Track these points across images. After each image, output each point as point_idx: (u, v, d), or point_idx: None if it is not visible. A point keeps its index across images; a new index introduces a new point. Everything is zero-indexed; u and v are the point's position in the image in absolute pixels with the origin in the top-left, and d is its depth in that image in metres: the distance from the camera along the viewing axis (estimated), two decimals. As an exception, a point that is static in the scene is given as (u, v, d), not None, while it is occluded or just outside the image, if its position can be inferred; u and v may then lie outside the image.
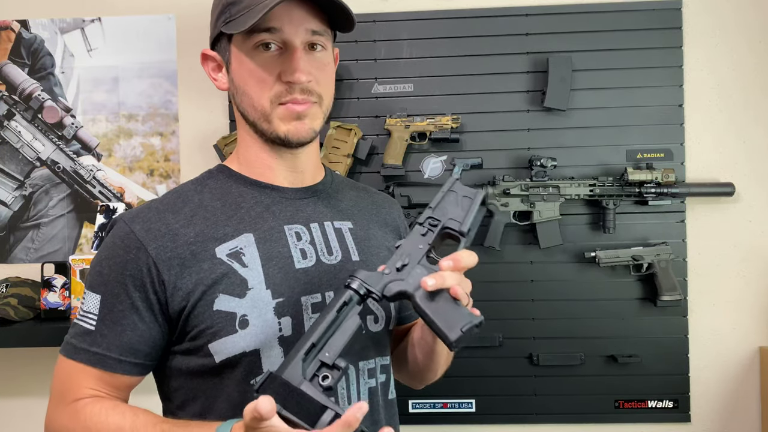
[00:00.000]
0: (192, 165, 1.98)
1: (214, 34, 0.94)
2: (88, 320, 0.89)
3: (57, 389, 0.91)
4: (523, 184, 1.84)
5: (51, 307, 1.85)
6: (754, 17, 1.91)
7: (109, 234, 0.90)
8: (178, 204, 0.92)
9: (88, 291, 0.90)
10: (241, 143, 0.97)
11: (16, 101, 1.99)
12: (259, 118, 0.91)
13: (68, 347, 0.91)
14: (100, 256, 0.90)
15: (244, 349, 0.86)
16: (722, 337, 1.91)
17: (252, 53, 0.90)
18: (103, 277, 0.88)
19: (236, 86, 0.93)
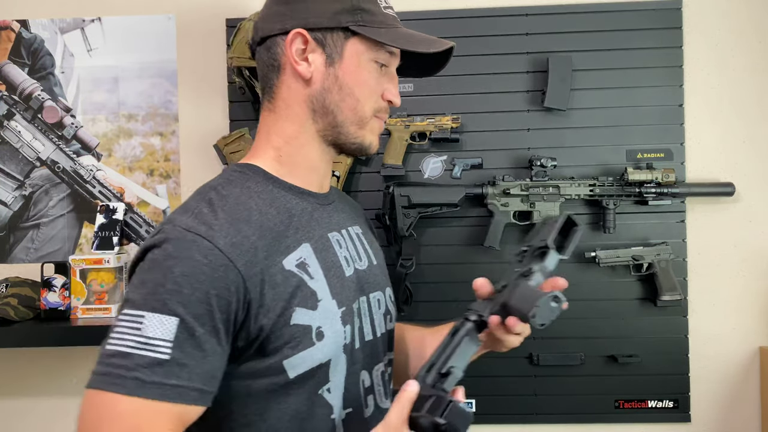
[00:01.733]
0: (192, 165, 1.98)
1: (322, 24, 0.86)
2: (159, 349, 0.72)
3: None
4: (523, 184, 1.84)
5: (51, 307, 1.85)
6: (754, 17, 1.91)
7: (178, 248, 0.77)
8: (243, 213, 0.84)
9: (153, 314, 0.73)
10: (291, 141, 0.90)
11: (16, 101, 1.99)
12: (354, 121, 0.90)
13: (129, 383, 0.71)
14: (173, 271, 0.75)
15: (320, 360, 0.85)
16: (722, 337, 1.91)
17: (370, 64, 0.89)
18: (182, 297, 0.74)
19: (341, 84, 0.88)
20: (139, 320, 0.73)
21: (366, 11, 0.87)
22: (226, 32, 1.95)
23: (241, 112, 1.95)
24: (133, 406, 0.71)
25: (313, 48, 0.87)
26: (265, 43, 0.89)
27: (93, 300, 1.85)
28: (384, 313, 0.99)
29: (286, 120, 0.90)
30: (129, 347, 0.72)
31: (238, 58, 1.71)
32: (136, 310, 0.74)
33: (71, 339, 1.79)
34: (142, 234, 1.98)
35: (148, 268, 0.77)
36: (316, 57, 0.87)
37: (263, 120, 0.93)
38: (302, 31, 0.86)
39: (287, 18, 0.86)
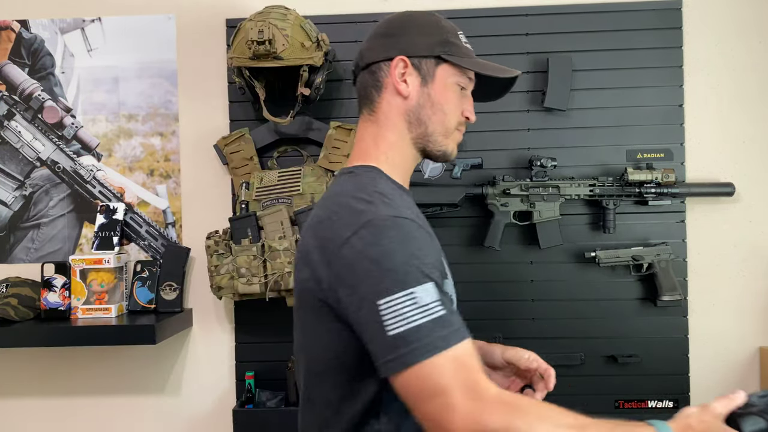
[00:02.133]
0: (192, 165, 1.98)
1: (420, 52, 1.06)
2: (436, 309, 0.84)
3: (456, 385, 0.81)
4: (523, 184, 1.84)
5: (51, 307, 1.85)
6: (754, 17, 1.91)
7: (398, 231, 0.89)
8: (407, 202, 1.02)
9: (418, 286, 0.85)
10: (393, 147, 1.08)
11: (16, 101, 1.99)
12: (441, 132, 1.08)
13: (436, 343, 0.82)
14: (410, 248, 0.88)
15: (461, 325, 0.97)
16: (722, 337, 1.91)
17: (454, 86, 1.09)
18: (427, 266, 0.88)
19: (433, 101, 1.07)
20: (411, 297, 0.84)
21: (453, 44, 1.09)
22: (226, 32, 1.95)
23: (241, 112, 1.95)
24: (451, 356, 0.83)
25: (411, 71, 1.06)
26: (370, 68, 1.09)
27: (93, 300, 1.85)
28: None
29: (387, 130, 1.08)
30: (417, 320, 0.83)
31: (238, 58, 1.71)
32: (403, 291, 0.84)
33: (71, 339, 1.79)
34: (142, 234, 1.98)
35: (387, 257, 0.87)
36: (413, 79, 1.06)
37: (365, 129, 1.10)
38: (404, 57, 1.06)
39: (391, 48, 1.07)
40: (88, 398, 2.00)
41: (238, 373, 1.94)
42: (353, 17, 1.93)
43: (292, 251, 1.74)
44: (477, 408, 0.80)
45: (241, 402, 1.86)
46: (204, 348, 1.98)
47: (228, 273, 1.78)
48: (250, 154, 1.88)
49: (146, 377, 1.99)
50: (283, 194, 1.81)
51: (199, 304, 1.98)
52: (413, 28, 1.09)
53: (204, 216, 1.97)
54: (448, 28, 1.10)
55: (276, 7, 1.73)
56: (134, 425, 1.99)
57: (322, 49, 1.75)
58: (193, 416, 1.99)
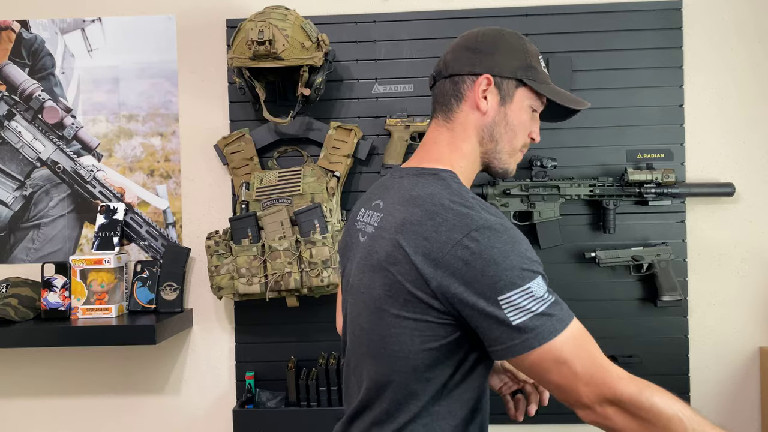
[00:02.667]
0: (192, 165, 1.98)
1: (503, 74, 1.12)
2: (548, 299, 0.96)
3: (579, 355, 0.98)
4: (523, 184, 1.84)
5: (51, 307, 1.85)
6: (754, 18, 1.91)
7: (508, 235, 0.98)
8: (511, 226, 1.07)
9: (532, 282, 0.95)
10: (465, 157, 1.14)
11: (16, 101, 2.00)
12: (508, 151, 1.14)
13: (555, 326, 0.95)
14: (520, 250, 0.97)
15: None
16: (722, 337, 1.91)
17: (528, 109, 1.14)
18: (533, 262, 0.97)
19: (508, 121, 1.12)
20: (528, 291, 0.95)
21: (534, 69, 1.14)
22: (226, 32, 1.95)
23: (241, 112, 1.95)
24: (569, 334, 0.96)
25: (492, 90, 1.11)
26: (453, 78, 1.13)
27: (93, 300, 1.85)
28: None
29: (462, 140, 1.13)
30: (537, 309, 0.94)
31: (239, 59, 1.71)
32: (522, 287, 0.95)
33: (71, 339, 1.79)
34: (143, 234, 1.98)
35: (502, 257, 0.96)
36: (493, 97, 1.11)
37: (439, 133, 1.14)
38: (489, 76, 1.11)
39: (477, 64, 1.12)
40: (88, 398, 2.00)
41: (238, 373, 1.94)
42: (353, 17, 1.93)
43: (292, 251, 1.74)
44: (598, 374, 0.97)
45: (241, 402, 1.86)
46: (204, 348, 1.98)
47: (228, 273, 1.78)
48: (250, 154, 1.88)
49: (146, 377, 1.99)
50: (283, 194, 1.81)
51: (199, 304, 1.98)
52: (502, 48, 1.13)
53: (204, 216, 1.97)
54: (532, 52, 1.15)
55: (276, 8, 1.73)
56: (134, 425, 2.00)
57: (322, 49, 1.75)
58: (193, 416, 1.99)
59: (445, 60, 1.16)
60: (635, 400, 0.95)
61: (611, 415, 0.96)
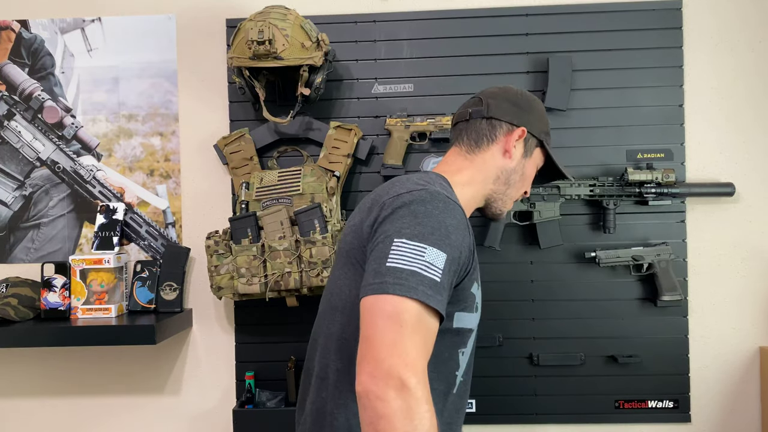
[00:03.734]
0: (192, 165, 1.98)
1: (533, 132, 1.26)
2: (434, 272, 0.97)
3: (421, 341, 0.93)
4: (523, 184, 1.84)
5: (51, 307, 1.85)
6: (754, 17, 1.91)
7: (444, 206, 1.04)
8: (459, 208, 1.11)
9: (430, 246, 0.98)
10: (472, 185, 1.24)
11: (16, 101, 1.99)
12: (513, 197, 1.28)
13: (420, 293, 0.95)
14: (445, 221, 1.02)
15: (471, 326, 1.15)
16: (722, 337, 1.91)
17: (535, 166, 1.30)
18: (450, 240, 1.00)
19: (524, 172, 1.27)
20: (422, 250, 0.97)
21: (549, 136, 1.32)
22: (226, 32, 1.95)
23: (241, 112, 1.95)
24: (422, 310, 0.95)
25: (521, 143, 1.25)
26: (492, 121, 1.25)
27: (93, 300, 1.85)
28: None
29: (477, 172, 1.24)
30: (418, 268, 0.96)
31: (238, 58, 1.71)
32: (419, 242, 0.98)
33: (71, 339, 1.78)
34: (142, 234, 1.98)
35: (424, 215, 1.02)
36: (519, 149, 1.25)
37: (454, 160, 1.26)
38: (525, 129, 1.24)
39: (516, 117, 1.25)
40: (88, 398, 2.00)
41: (238, 373, 1.94)
42: (353, 17, 1.93)
43: (292, 251, 1.74)
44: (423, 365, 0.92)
45: (241, 402, 1.86)
46: (204, 348, 1.98)
47: (228, 273, 1.78)
48: (250, 154, 1.88)
49: (146, 377, 1.99)
50: (283, 194, 1.81)
51: (199, 304, 1.98)
52: (536, 111, 1.28)
53: (204, 216, 1.97)
54: (546, 119, 1.31)
55: (276, 7, 1.73)
56: (134, 425, 1.99)
57: (322, 49, 1.75)
58: (193, 416, 1.99)
59: (487, 103, 1.27)
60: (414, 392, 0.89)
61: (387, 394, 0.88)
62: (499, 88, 1.32)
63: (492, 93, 1.29)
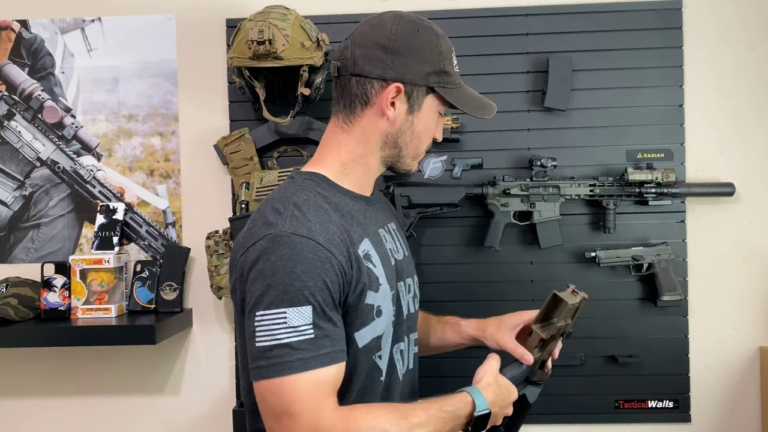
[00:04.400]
0: (192, 165, 1.98)
1: (415, 81, 1.06)
2: (305, 332, 0.92)
3: (305, 412, 0.90)
4: (523, 184, 1.84)
5: (51, 307, 1.85)
6: (755, 17, 1.91)
7: (290, 249, 0.94)
8: (324, 215, 1.02)
9: (288, 308, 0.92)
10: (358, 159, 1.11)
11: (16, 101, 1.99)
12: (412, 156, 1.13)
13: (295, 364, 0.91)
14: (294, 270, 0.93)
15: (378, 333, 1.06)
16: (722, 337, 1.91)
17: (435, 113, 1.12)
18: (309, 287, 0.93)
19: (414, 130, 1.10)
20: (282, 316, 0.92)
21: (447, 74, 1.10)
22: (226, 32, 1.95)
23: (241, 112, 1.95)
24: (305, 379, 0.90)
25: (401, 98, 1.07)
26: (360, 78, 1.07)
27: (93, 300, 1.85)
28: (412, 296, 1.21)
29: (358, 144, 1.10)
30: (283, 338, 0.91)
31: (238, 58, 1.71)
32: (276, 309, 0.92)
33: (71, 339, 1.79)
34: (142, 234, 1.98)
35: (272, 273, 0.94)
36: (401, 105, 1.07)
37: (334, 135, 1.12)
38: (400, 85, 1.06)
39: (388, 68, 1.05)
40: (88, 398, 2.00)
41: (238, 373, 1.94)
42: (353, 17, 1.93)
43: (292, 251, 1.74)
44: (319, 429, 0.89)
45: (241, 402, 1.86)
46: (204, 348, 1.98)
47: (228, 273, 1.78)
48: (250, 154, 1.88)
49: (146, 377, 1.99)
50: (283, 194, 1.81)
51: (199, 304, 1.98)
52: (415, 51, 1.07)
53: (204, 216, 1.97)
54: (445, 53, 1.11)
55: (276, 7, 1.73)
56: (134, 425, 1.99)
57: (322, 49, 1.75)
58: (193, 416, 1.99)
59: (354, 54, 1.07)
60: None
61: None
62: (371, 25, 1.09)
63: (360, 35, 1.08)
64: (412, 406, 0.98)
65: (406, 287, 1.17)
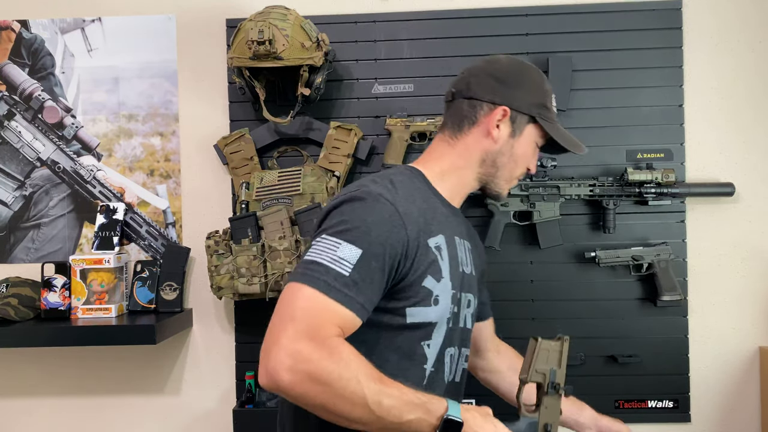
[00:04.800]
0: (192, 165, 1.98)
1: (520, 108, 1.19)
2: (343, 266, 1.00)
3: (306, 321, 0.97)
4: (523, 184, 1.84)
5: (51, 307, 1.85)
6: (754, 17, 1.91)
7: (372, 205, 1.06)
8: (411, 197, 1.12)
9: (345, 242, 1.02)
10: (455, 171, 1.22)
11: (16, 101, 2.00)
12: (506, 178, 1.23)
13: (320, 283, 0.99)
14: (366, 218, 1.04)
15: (431, 320, 1.12)
16: (722, 337, 1.91)
17: (532, 143, 1.22)
18: (369, 236, 1.03)
19: (513, 152, 1.21)
20: (336, 245, 1.02)
21: (547, 109, 1.22)
22: (226, 32, 1.95)
23: (241, 112, 1.95)
24: (319, 299, 0.98)
25: (506, 121, 1.19)
26: (471, 101, 1.20)
27: (93, 300, 1.85)
28: (471, 312, 1.25)
29: (459, 157, 1.21)
30: (325, 261, 1.00)
31: (238, 58, 1.71)
32: (336, 238, 1.02)
33: (71, 339, 1.79)
34: (143, 234, 1.98)
35: (349, 212, 1.06)
36: (505, 128, 1.19)
37: (437, 147, 1.23)
38: (507, 108, 1.18)
39: (497, 94, 1.19)
40: (88, 398, 2.00)
41: (238, 373, 1.94)
42: (353, 17, 1.93)
43: (292, 251, 1.74)
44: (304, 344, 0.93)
45: (241, 402, 1.86)
46: (204, 348, 1.98)
47: (228, 273, 1.78)
48: (250, 154, 1.88)
49: (146, 377, 1.99)
50: (283, 194, 1.81)
51: (199, 304, 1.98)
52: (525, 83, 1.21)
53: (204, 216, 1.97)
54: (548, 92, 1.23)
55: (276, 7, 1.73)
56: (134, 425, 1.99)
57: (322, 49, 1.75)
58: (193, 416, 1.99)
59: (468, 81, 1.21)
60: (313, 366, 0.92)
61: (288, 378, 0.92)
62: (486, 60, 1.24)
63: (476, 68, 1.23)
64: (392, 380, 1.00)
65: (466, 301, 1.22)
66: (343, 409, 0.94)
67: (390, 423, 0.97)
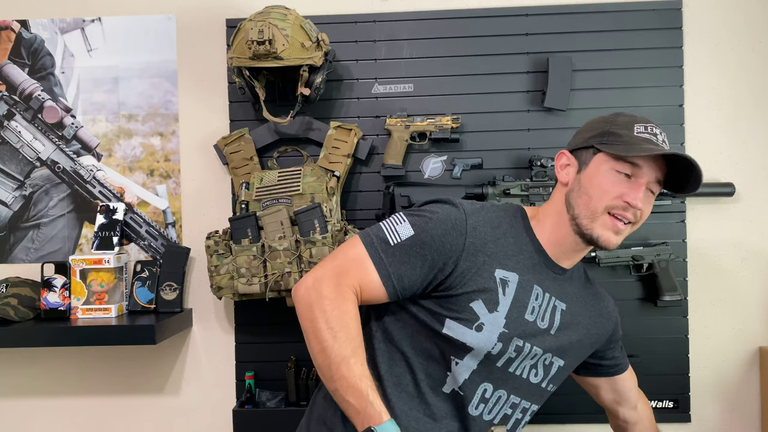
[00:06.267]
0: (192, 165, 1.98)
1: (579, 145, 1.26)
2: (394, 236, 1.17)
3: (341, 264, 1.16)
4: (523, 184, 1.83)
5: (51, 307, 1.85)
6: (754, 17, 1.91)
7: (447, 207, 1.21)
8: (495, 222, 1.23)
9: (407, 222, 1.18)
10: (552, 217, 1.27)
11: (16, 101, 1.99)
12: (587, 215, 1.21)
13: (369, 239, 1.17)
14: (435, 213, 1.19)
15: (465, 342, 1.17)
16: (722, 337, 1.91)
17: (610, 172, 1.20)
18: (427, 225, 1.17)
19: (581, 186, 1.22)
20: (401, 221, 1.19)
21: (615, 135, 1.20)
22: (226, 32, 1.95)
23: (241, 112, 1.95)
24: (361, 253, 1.16)
25: (572, 162, 1.26)
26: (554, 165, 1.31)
27: (93, 300, 1.85)
28: (532, 365, 1.26)
29: (550, 207, 1.29)
30: (385, 229, 1.19)
31: (238, 58, 1.71)
32: (405, 217, 1.20)
33: (71, 339, 1.78)
34: (142, 234, 1.98)
35: (430, 206, 1.22)
36: (571, 168, 1.26)
37: (552, 198, 1.31)
38: (565, 151, 1.28)
39: (569, 146, 1.29)
40: (88, 398, 2.00)
41: (238, 373, 1.94)
42: (353, 17, 1.93)
43: (292, 251, 1.74)
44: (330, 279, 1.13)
45: (241, 402, 1.86)
46: (204, 348, 1.98)
47: (228, 273, 1.78)
48: (250, 154, 1.88)
49: (146, 377, 1.99)
50: (283, 194, 1.81)
51: (199, 304, 1.98)
52: (587, 125, 1.28)
53: (204, 216, 1.97)
54: (619, 123, 1.22)
55: (276, 7, 1.73)
56: (134, 425, 1.99)
57: (322, 49, 1.75)
58: (193, 416, 1.99)
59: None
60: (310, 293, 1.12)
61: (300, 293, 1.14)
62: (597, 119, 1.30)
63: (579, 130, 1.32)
64: (363, 360, 1.10)
65: (528, 350, 1.23)
66: (313, 346, 1.10)
67: (334, 390, 1.08)
